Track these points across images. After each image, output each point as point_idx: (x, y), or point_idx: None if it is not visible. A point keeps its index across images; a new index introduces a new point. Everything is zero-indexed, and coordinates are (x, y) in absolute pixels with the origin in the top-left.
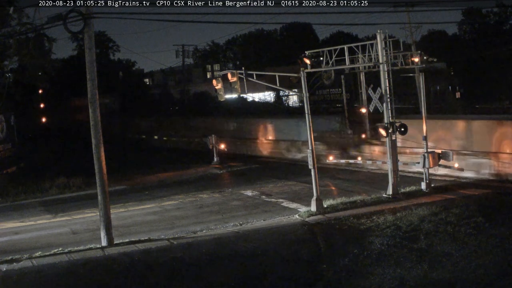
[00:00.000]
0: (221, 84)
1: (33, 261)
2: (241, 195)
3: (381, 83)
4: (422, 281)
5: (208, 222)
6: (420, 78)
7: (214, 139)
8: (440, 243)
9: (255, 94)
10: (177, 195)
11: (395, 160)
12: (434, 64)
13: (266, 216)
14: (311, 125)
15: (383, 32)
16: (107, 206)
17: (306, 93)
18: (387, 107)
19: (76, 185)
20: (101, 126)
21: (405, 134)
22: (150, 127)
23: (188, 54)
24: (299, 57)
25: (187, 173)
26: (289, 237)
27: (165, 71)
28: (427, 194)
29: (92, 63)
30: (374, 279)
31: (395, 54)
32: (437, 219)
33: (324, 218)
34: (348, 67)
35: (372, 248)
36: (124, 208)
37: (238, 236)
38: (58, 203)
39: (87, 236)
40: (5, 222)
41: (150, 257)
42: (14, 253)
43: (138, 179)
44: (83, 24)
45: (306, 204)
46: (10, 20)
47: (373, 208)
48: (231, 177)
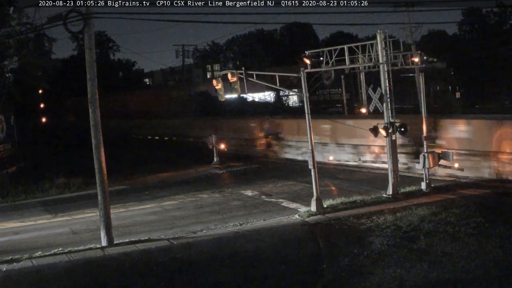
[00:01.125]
0: (221, 84)
1: (33, 261)
2: (241, 195)
3: (381, 83)
4: (422, 281)
5: (208, 222)
6: (420, 78)
7: (214, 139)
8: (440, 243)
9: (255, 94)
10: (177, 195)
11: (395, 160)
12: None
13: (266, 216)
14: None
15: (383, 32)
16: (107, 206)
17: (306, 93)
18: (387, 107)
19: (76, 185)
20: (101, 126)
21: (405, 134)
22: (150, 127)
23: (188, 54)
24: (299, 57)
25: (187, 173)
26: (289, 237)
27: (165, 71)
28: (427, 194)
29: (92, 63)
30: (374, 279)
31: (395, 54)
32: (437, 219)
33: (324, 218)
34: (348, 67)
35: (372, 248)
36: (124, 208)
37: (238, 236)
38: (58, 203)
39: (87, 236)
40: (5, 222)
41: (150, 257)
42: (14, 253)
43: (138, 179)
44: (83, 24)
45: (306, 204)
46: (10, 20)
47: (373, 208)
48: (231, 177)
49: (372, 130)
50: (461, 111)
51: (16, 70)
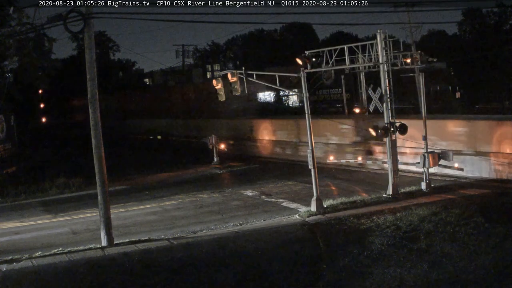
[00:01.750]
0: (221, 84)
1: (33, 261)
2: (241, 195)
3: (381, 83)
4: (422, 281)
5: (208, 222)
6: (420, 78)
7: (214, 139)
8: (440, 243)
9: None
10: (177, 195)
11: (395, 160)
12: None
13: (266, 216)
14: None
15: (383, 32)
16: (107, 206)
17: (306, 93)
18: (387, 107)
19: (76, 185)
20: (101, 126)
21: (405, 134)
22: (150, 127)
23: (188, 54)
24: (299, 57)
25: (187, 173)
26: (289, 237)
27: (165, 71)
28: (427, 194)
29: (92, 63)
30: (374, 279)
31: (395, 54)
32: (437, 219)
33: (324, 218)
34: (348, 67)
35: (372, 248)
36: (124, 208)
37: (238, 236)
38: (58, 203)
39: (87, 236)
40: (5, 222)
41: (150, 257)
42: (14, 253)
43: (138, 179)
44: (83, 24)
45: (306, 204)
46: (10, 20)
47: (373, 208)
48: (231, 177)
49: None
50: (461, 111)
51: (16, 70)
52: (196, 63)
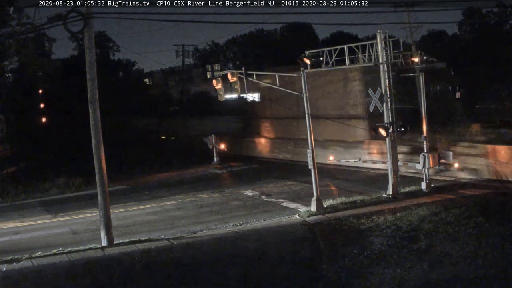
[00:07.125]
0: (221, 84)
1: (33, 261)
2: (241, 195)
3: (381, 83)
4: (422, 281)
5: (208, 222)
6: (420, 78)
7: (214, 139)
8: (440, 243)
9: (255, 94)
10: (177, 195)
11: (395, 160)
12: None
13: (266, 216)
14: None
15: (383, 32)
16: (107, 206)
17: (306, 93)
18: (387, 107)
19: (76, 185)
20: (101, 126)
21: (405, 134)
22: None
23: (188, 54)
24: (299, 57)
25: (187, 173)
26: (289, 237)
27: (165, 71)
28: (427, 194)
29: (92, 63)
30: (374, 279)
31: (395, 54)
32: (437, 219)
33: (324, 218)
34: (348, 67)
35: (372, 248)
36: (124, 208)
37: (238, 236)
38: (58, 203)
39: (87, 236)
40: (5, 222)
41: (150, 257)
42: (14, 253)
43: (138, 179)
44: (83, 24)
45: (306, 204)
46: (10, 20)
47: (373, 208)
48: (231, 177)
49: (373, 130)
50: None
51: (16, 70)
52: (196, 63)
